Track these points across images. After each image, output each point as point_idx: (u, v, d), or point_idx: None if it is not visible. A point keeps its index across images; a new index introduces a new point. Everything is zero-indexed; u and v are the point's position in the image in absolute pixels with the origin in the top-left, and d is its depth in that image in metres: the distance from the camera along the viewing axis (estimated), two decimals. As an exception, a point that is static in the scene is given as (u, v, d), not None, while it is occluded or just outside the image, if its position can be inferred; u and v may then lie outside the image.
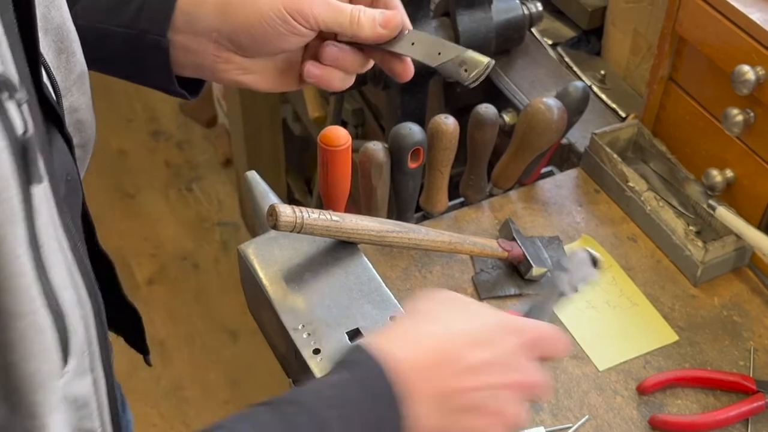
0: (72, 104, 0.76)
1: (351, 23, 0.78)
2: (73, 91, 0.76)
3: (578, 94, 1.11)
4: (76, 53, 0.75)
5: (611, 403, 0.97)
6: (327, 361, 0.87)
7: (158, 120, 2.88)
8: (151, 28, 0.79)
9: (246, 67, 0.82)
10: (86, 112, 0.78)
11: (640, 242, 1.12)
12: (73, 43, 0.75)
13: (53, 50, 0.73)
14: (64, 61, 0.74)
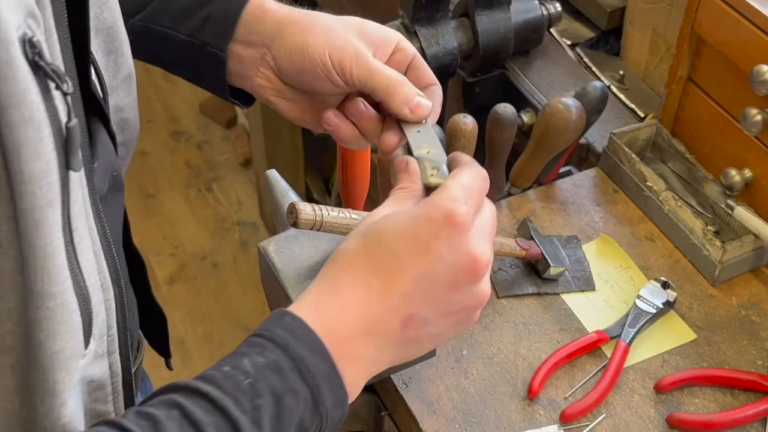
0: (117, 103, 0.78)
1: (385, 92, 0.76)
2: (119, 91, 0.77)
3: (597, 93, 1.12)
4: (125, 54, 0.77)
5: (629, 402, 0.97)
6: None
7: (178, 121, 2.90)
8: (213, 42, 0.80)
9: (281, 91, 0.82)
10: (131, 112, 0.80)
11: (659, 242, 1.13)
12: (122, 44, 0.76)
13: (103, 50, 0.74)
14: (113, 61, 0.76)
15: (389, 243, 0.64)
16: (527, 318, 1.04)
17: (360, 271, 0.64)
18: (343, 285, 0.64)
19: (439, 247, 0.63)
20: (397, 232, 0.64)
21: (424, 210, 0.64)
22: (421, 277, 0.63)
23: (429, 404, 0.96)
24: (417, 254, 0.63)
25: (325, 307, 0.64)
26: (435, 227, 0.63)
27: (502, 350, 1.01)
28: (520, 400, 0.97)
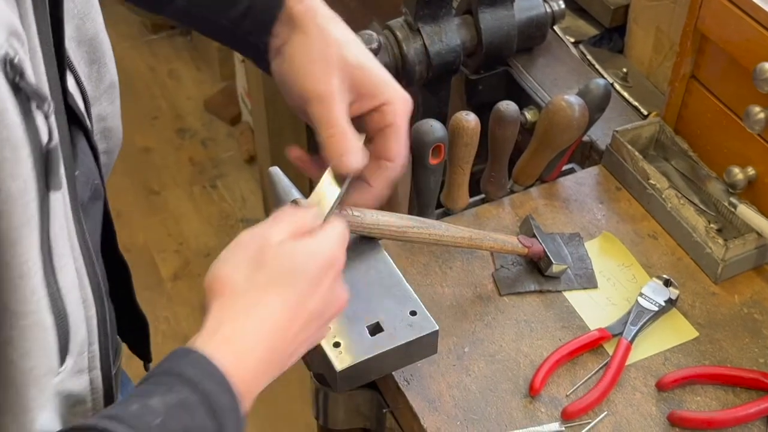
0: (100, 113, 0.78)
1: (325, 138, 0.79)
2: (102, 100, 0.78)
3: (600, 91, 1.12)
4: (108, 64, 0.77)
5: (630, 399, 0.97)
6: (347, 355, 0.88)
7: (183, 118, 2.90)
8: (254, 32, 0.82)
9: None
10: (114, 120, 0.80)
11: (661, 240, 1.12)
12: (105, 54, 0.76)
13: (85, 61, 0.74)
14: (96, 71, 0.76)
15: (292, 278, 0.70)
16: (529, 315, 1.04)
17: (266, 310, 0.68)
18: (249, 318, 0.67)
19: (327, 282, 0.72)
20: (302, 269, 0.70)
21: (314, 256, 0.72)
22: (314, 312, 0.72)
23: (430, 401, 0.96)
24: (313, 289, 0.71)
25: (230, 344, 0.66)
26: (324, 266, 0.72)
27: (504, 348, 1.01)
28: (521, 397, 0.97)
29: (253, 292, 0.68)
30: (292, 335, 0.70)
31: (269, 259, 0.69)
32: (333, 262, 0.73)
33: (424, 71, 1.27)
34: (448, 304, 1.05)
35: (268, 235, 0.71)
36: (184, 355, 0.65)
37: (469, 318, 1.04)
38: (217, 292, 0.69)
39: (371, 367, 0.89)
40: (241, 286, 0.68)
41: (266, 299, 0.68)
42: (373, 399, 1.03)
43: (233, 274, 0.69)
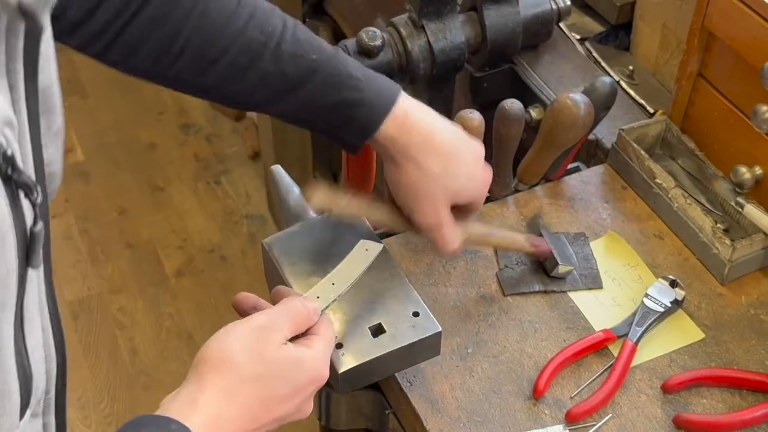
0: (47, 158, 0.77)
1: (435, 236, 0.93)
2: (49, 147, 0.77)
3: (606, 89, 1.11)
4: (57, 111, 0.77)
5: (635, 402, 0.96)
6: (349, 356, 0.87)
7: (188, 113, 2.89)
8: (349, 139, 0.92)
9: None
10: (57, 165, 0.80)
11: (667, 240, 1.11)
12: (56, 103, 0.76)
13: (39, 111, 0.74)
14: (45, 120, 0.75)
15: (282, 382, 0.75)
16: (533, 316, 1.03)
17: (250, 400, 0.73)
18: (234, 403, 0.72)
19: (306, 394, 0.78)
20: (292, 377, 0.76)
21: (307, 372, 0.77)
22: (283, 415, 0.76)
23: (433, 403, 0.95)
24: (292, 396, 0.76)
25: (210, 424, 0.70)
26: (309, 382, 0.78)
27: (508, 348, 1.00)
28: (525, 399, 0.96)
29: (247, 382, 0.73)
30: (256, 426, 0.74)
31: (269, 356, 0.75)
32: (317, 380, 0.78)
33: (428, 68, 1.26)
34: (452, 304, 1.04)
35: (277, 328, 0.77)
36: (165, 425, 0.68)
37: (472, 318, 1.03)
38: (217, 367, 0.73)
39: (374, 368, 0.88)
40: (239, 372, 0.73)
41: (254, 391, 0.74)
42: (375, 400, 1.02)
43: (237, 355, 0.74)
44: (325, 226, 0.98)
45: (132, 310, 2.38)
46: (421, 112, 0.92)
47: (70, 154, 2.72)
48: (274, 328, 0.76)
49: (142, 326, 2.35)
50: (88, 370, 2.26)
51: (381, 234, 1.12)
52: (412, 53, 1.24)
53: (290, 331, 0.78)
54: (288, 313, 0.79)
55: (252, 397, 0.73)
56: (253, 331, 0.76)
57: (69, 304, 2.38)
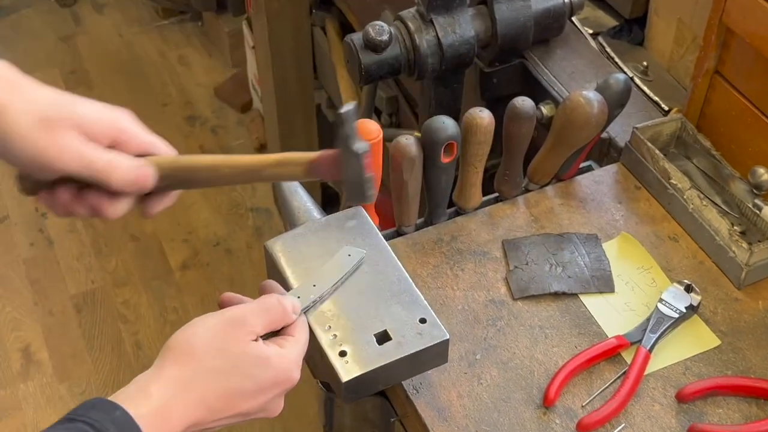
0: None
1: (100, 175, 0.79)
2: None
3: (620, 86, 1.07)
4: None
5: (649, 411, 0.93)
6: (353, 364, 0.84)
7: (193, 105, 2.86)
8: None
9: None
10: None
11: (682, 242, 1.08)
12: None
13: None
14: None
15: (244, 378, 0.75)
16: (544, 321, 1.00)
17: (207, 393, 0.73)
18: (189, 393, 0.72)
19: (272, 394, 0.78)
20: (255, 376, 0.76)
21: (274, 372, 0.77)
22: (245, 412, 0.77)
23: (440, 411, 0.92)
24: (255, 395, 0.76)
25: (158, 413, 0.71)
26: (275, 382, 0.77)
27: (517, 355, 0.97)
28: (535, 408, 0.93)
29: (205, 374, 0.73)
30: (214, 419, 0.75)
31: (232, 351, 0.75)
32: (285, 381, 0.78)
33: (436, 64, 1.22)
34: (460, 308, 1.01)
35: (247, 322, 0.77)
36: (110, 410, 0.69)
37: (481, 323, 1.00)
38: (178, 357, 0.74)
39: (378, 377, 0.85)
40: (198, 363, 0.73)
41: (212, 383, 0.74)
42: (381, 406, 1.00)
43: (199, 347, 0.74)
44: (330, 228, 0.95)
45: (136, 303, 2.36)
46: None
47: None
48: (244, 323, 0.77)
49: (146, 320, 2.33)
50: (92, 365, 2.24)
51: (389, 234, 1.10)
52: (420, 48, 1.21)
53: (263, 328, 0.78)
54: (262, 308, 0.79)
55: (209, 390, 0.73)
56: (220, 324, 0.76)
57: (72, 297, 2.36)
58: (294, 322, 0.82)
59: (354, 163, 0.84)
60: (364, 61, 1.19)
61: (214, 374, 0.74)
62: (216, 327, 0.76)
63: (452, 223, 1.10)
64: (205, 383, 0.74)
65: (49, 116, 0.76)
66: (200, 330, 0.76)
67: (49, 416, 2.12)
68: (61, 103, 0.78)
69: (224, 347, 0.75)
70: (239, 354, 0.75)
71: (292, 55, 2.11)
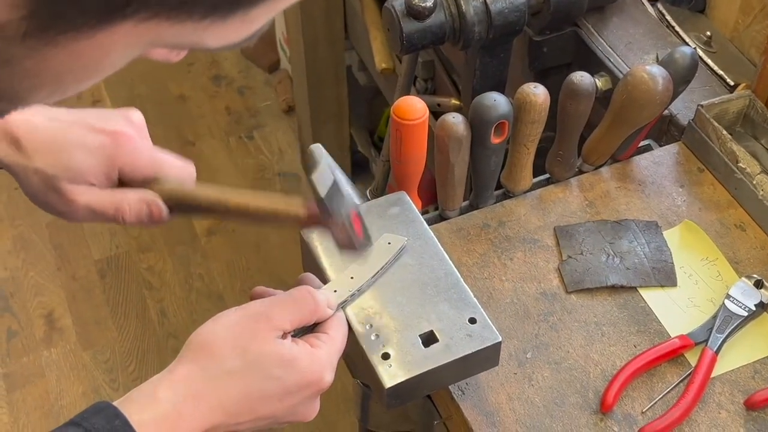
0: None
1: (114, 219, 0.78)
2: None
3: (686, 61, 0.98)
4: None
5: (715, 419, 0.85)
6: (397, 368, 0.77)
7: (219, 64, 2.78)
8: None
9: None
10: None
11: (750, 231, 1.00)
12: None
13: None
14: None
15: (267, 380, 0.69)
16: (600, 317, 0.93)
17: (226, 395, 0.68)
18: (204, 399, 0.67)
19: (301, 397, 0.71)
20: (279, 376, 0.69)
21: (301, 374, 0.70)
22: (270, 416, 0.71)
23: (488, 415, 0.86)
24: (280, 398, 0.70)
25: (165, 424, 0.65)
26: (304, 385, 0.71)
27: (572, 354, 0.90)
28: (591, 413, 0.86)
29: (224, 375, 0.68)
30: (233, 422, 0.69)
31: (255, 350, 0.69)
32: (316, 384, 0.71)
33: (483, 32, 1.13)
34: (508, 301, 0.94)
35: (272, 318, 0.70)
36: (111, 418, 0.64)
37: (531, 318, 0.93)
38: (196, 356, 0.69)
39: (424, 382, 0.78)
40: (217, 363, 0.68)
41: (231, 386, 0.68)
42: (424, 406, 0.93)
43: (219, 345, 0.69)
44: (371, 215, 0.87)
45: (161, 270, 2.30)
46: None
47: (98, 105, 2.63)
48: (269, 318, 0.70)
49: (171, 287, 2.27)
50: (116, 332, 2.19)
51: (432, 218, 1.02)
52: (466, 15, 1.12)
53: (291, 323, 0.72)
54: (290, 302, 0.72)
55: (227, 394, 0.68)
56: (243, 320, 0.70)
57: (96, 262, 2.31)
58: (329, 317, 0.75)
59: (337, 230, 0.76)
60: (406, 30, 1.11)
61: (232, 376, 0.68)
62: (238, 323, 0.70)
63: (500, 207, 1.02)
64: (222, 386, 0.68)
65: (50, 176, 0.76)
66: (220, 327, 0.70)
67: (72, 384, 2.08)
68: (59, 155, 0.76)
69: (245, 346, 0.69)
70: (262, 353, 0.69)
71: (322, 14, 2.02)
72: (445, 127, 0.93)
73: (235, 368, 0.68)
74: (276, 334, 0.70)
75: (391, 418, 0.97)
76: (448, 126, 0.93)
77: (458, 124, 0.93)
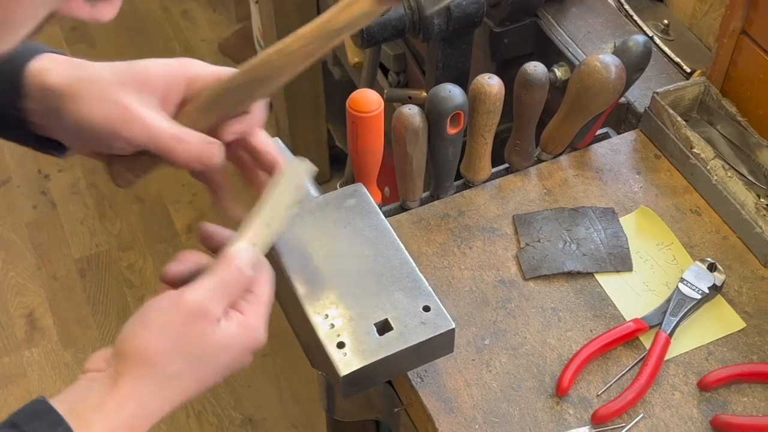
0: None
1: (167, 152, 0.75)
2: None
3: (639, 49, 1.00)
4: None
5: (669, 400, 0.87)
6: (353, 357, 0.78)
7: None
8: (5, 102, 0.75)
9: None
10: None
11: (705, 216, 1.02)
12: None
13: None
14: None
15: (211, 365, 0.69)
16: (557, 303, 0.94)
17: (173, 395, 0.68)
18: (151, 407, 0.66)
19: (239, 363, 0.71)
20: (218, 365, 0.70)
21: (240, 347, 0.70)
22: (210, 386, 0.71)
23: (446, 401, 0.87)
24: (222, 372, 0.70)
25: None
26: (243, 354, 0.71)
27: (529, 340, 0.92)
28: (547, 397, 0.87)
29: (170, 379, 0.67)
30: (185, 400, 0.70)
31: (198, 348, 0.68)
32: (254, 345, 0.71)
33: (443, 24, 1.15)
34: (467, 289, 0.95)
35: (208, 311, 0.68)
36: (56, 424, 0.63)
37: (490, 306, 0.94)
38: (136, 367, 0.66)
39: (379, 369, 0.80)
40: (161, 371, 0.67)
41: (178, 385, 0.68)
42: (386, 394, 0.95)
43: (159, 354, 0.67)
44: (327, 208, 0.88)
45: (141, 268, 2.31)
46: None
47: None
48: (205, 314, 0.68)
49: (151, 285, 2.28)
50: (97, 330, 2.20)
51: (393, 209, 1.03)
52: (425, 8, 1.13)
53: (224, 307, 0.70)
54: (222, 287, 0.70)
55: (175, 391, 0.68)
56: (179, 323, 0.67)
57: (77, 261, 2.32)
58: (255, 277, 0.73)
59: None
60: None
61: (180, 377, 0.68)
62: (175, 328, 0.67)
63: (460, 197, 1.04)
64: (169, 388, 0.67)
65: (122, 79, 0.73)
66: (154, 334, 0.67)
67: (54, 383, 2.09)
68: (131, 66, 0.74)
69: (188, 350, 0.67)
70: (206, 351, 0.68)
71: (295, 8, 2.03)
72: (402, 119, 0.94)
73: (182, 370, 0.67)
74: (215, 325, 0.68)
75: (357, 407, 0.99)
76: (404, 117, 0.94)
77: (414, 116, 0.94)
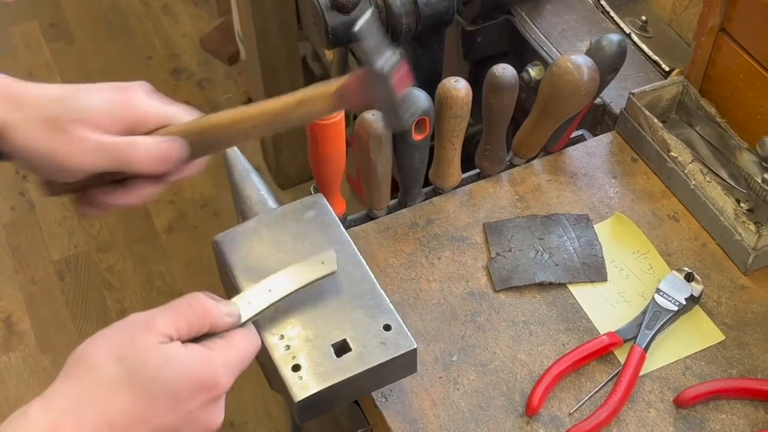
0: None
1: (121, 160, 0.73)
2: None
3: (613, 48, 0.96)
4: None
5: (644, 418, 0.83)
6: (309, 380, 0.74)
7: (178, 57, 2.74)
8: None
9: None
10: None
11: (683, 222, 0.98)
12: None
13: None
14: None
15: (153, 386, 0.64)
16: (528, 315, 0.91)
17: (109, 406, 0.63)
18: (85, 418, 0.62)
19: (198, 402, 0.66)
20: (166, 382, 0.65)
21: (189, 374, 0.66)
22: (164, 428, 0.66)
23: (411, 422, 0.83)
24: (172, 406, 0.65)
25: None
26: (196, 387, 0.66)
27: (498, 355, 0.88)
28: (517, 416, 0.84)
29: (105, 385, 0.63)
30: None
31: (135, 355, 0.64)
32: (209, 385, 0.66)
33: (412, 24, 1.11)
34: (435, 302, 0.92)
35: (153, 325, 0.66)
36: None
37: (458, 319, 0.90)
38: (72, 370, 0.65)
39: (337, 393, 0.76)
40: (96, 374, 0.64)
41: (114, 395, 0.63)
42: (352, 412, 0.91)
43: (97, 356, 0.64)
44: (285, 221, 0.84)
45: (121, 269, 2.27)
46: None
47: (55, 102, 2.58)
48: (149, 325, 0.66)
49: (131, 286, 2.24)
50: (76, 334, 2.16)
51: (359, 218, 1.00)
52: (393, 7, 1.09)
53: (177, 330, 0.67)
54: (174, 308, 0.69)
55: (112, 403, 0.63)
56: (121, 329, 0.66)
57: (55, 263, 2.28)
58: (229, 326, 0.71)
59: (380, 85, 0.72)
60: (331, 23, 1.08)
61: (114, 385, 0.63)
62: (115, 333, 0.66)
63: (428, 205, 1.00)
64: (103, 396, 0.63)
65: (54, 116, 0.72)
66: (99, 339, 0.66)
67: (32, 389, 2.05)
68: (65, 100, 0.73)
69: (125, 353, 0.64)
70: (144, 359, 0.64)
71: (273, 4, 1.99)
72: (364, 125, 0.90)
73: (117, 377, 0.63)
74: (158, 339, 0.65)
75: (323, 427, 0.95)
76: (366, 123, 0.90)
77: (377, 122, 0.90)
